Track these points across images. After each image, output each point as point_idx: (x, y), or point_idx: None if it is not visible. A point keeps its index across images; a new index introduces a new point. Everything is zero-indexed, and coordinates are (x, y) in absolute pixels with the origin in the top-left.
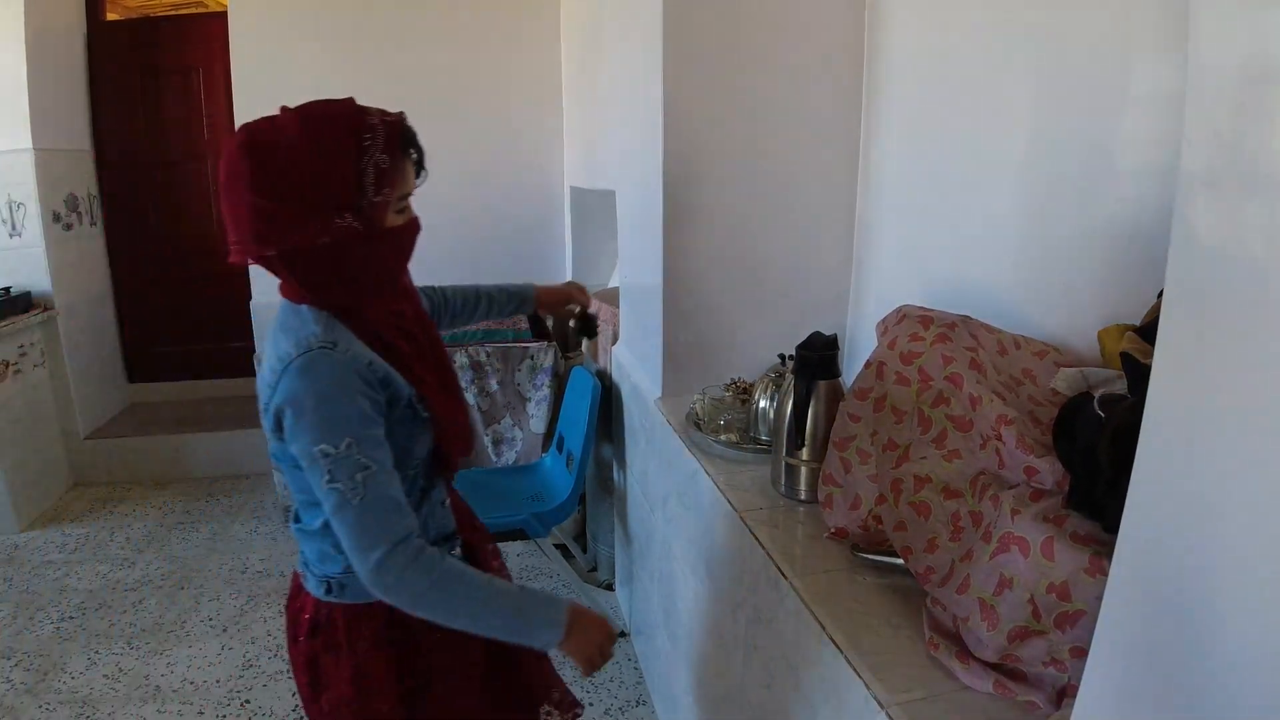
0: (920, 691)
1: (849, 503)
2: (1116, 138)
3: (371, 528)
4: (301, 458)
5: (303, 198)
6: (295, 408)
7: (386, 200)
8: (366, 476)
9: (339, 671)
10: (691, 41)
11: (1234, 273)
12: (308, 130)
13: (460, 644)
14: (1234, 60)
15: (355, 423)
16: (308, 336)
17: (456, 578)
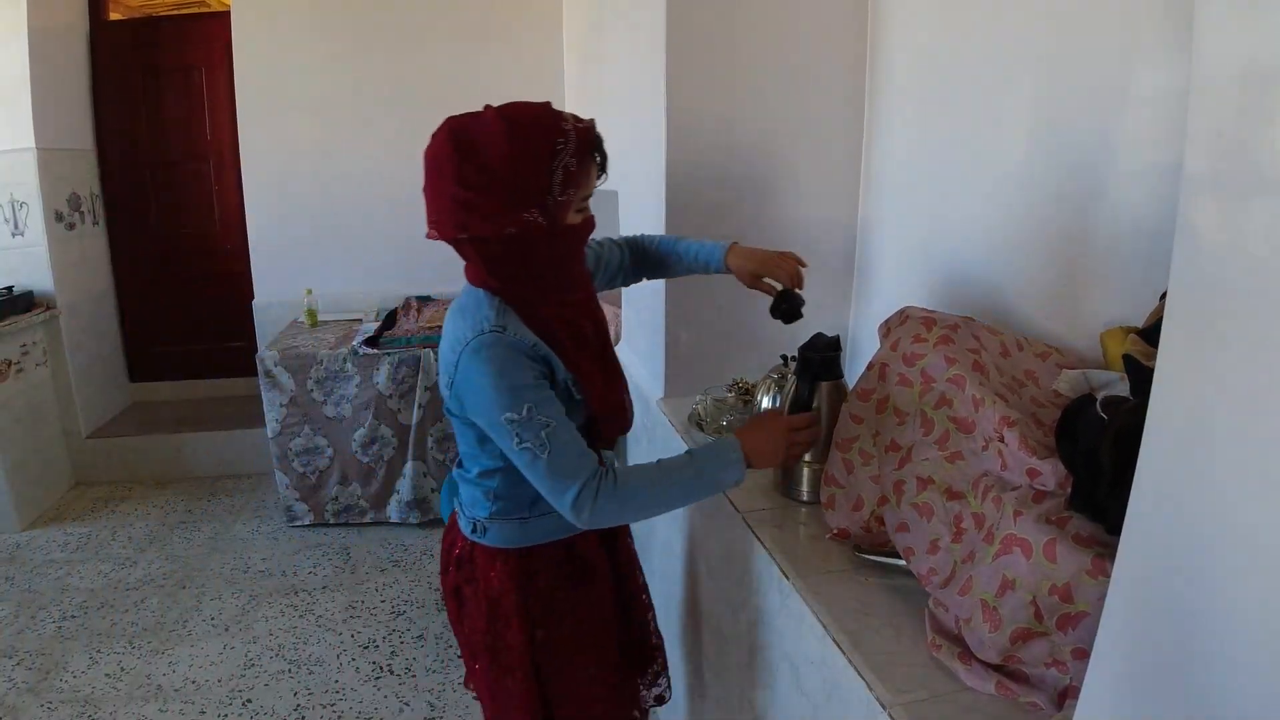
0: (922, 692)
1: (851, 504)
2: (1119, 138)
3: (561, 474)
4: (488, 427)
5: (498, 192)
6: (475, 385)
7: (570, 200)
8: (549, 433)
9: (476, 603)
10: (694, 43)
11: (1237, 274)
12: (509, 131)
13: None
14: (1237, 61)
15: (530, 389)
16: (481, 321)
17: (637, 487)
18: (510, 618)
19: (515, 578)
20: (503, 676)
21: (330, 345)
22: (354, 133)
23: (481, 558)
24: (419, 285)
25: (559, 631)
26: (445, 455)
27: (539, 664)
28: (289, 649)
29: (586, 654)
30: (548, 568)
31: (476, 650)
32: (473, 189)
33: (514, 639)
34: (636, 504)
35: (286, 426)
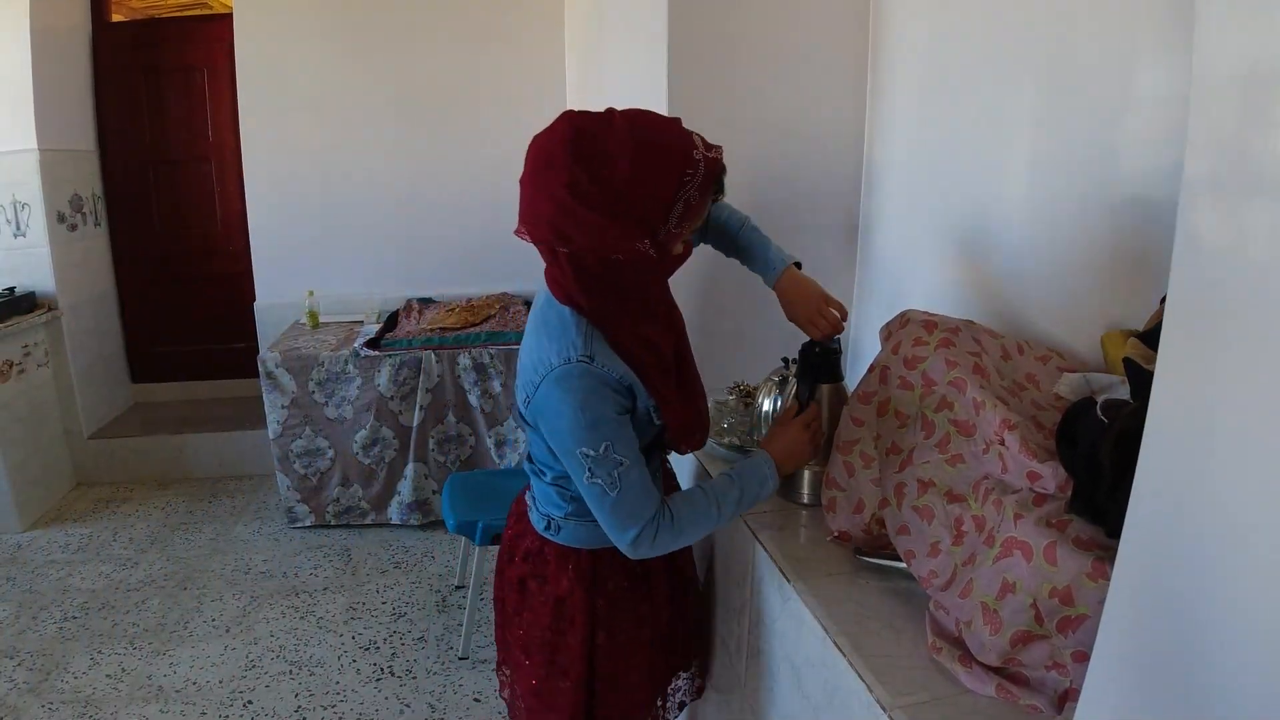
0: (923, 695)
1: (852, 506)
2: (1119, 141)
3: (626, 514)
4: (562, 455)
5: (614, 214)
6: (554, 413)
7: (682, 232)
8: (622, 472)
9: (541, 599)
10: (696, 46)
11: (1237, 277)
12: (638, 152)
13: (647, 602)
14: (1238, 65)
15: (610, 426)
16: (568, 346)
17: (691, 519)
18: (575, 619)
19: (584, 579)
20: (556, 678)
21: (332, 347)
22: (356, 134)
23: (553, 555)
24: (420, 287)
25: (620, 636)
26: (446, 457)
27: (594, 667)
28: (290, 650)
29: (639, 662)
30: (616, 572)
31: (531, 647)
32: (586, 203)
33: (575, 640)
34: (689, 535)
35: (288, 428)
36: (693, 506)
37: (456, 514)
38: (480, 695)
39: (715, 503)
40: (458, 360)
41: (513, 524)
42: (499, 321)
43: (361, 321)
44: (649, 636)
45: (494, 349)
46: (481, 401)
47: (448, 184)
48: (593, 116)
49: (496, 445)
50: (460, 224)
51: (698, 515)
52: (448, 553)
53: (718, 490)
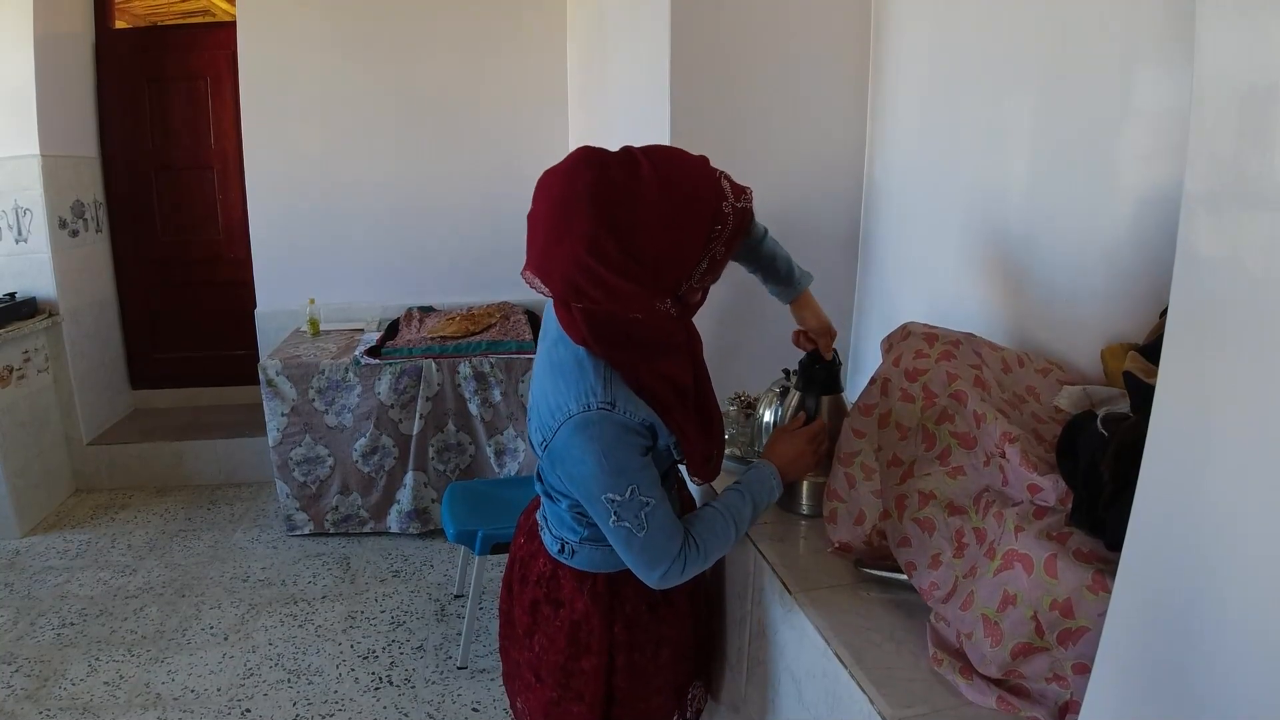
0: (924, 707)
1: (853, 518)
2: (1119, 155)
3: (655, 553)
4: (585, 500)
5: (635, 277)
6: (575, 460)
7: (705, 284)
8: (648, 512)
9: (556, 624)
10: (697, 57)
11: (1237, 292)
12: (666, 210)
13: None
14: (1238, 82)
15: (634, 470)
16: (587, 392)
17: (714, 544)
18: (590, 644)
19: (601, 603)
20: (570, 701)
21: (332, 355)
22: (358, 142)
23: (568, 580)
24: (421, 296)
25: (639, 658)
26: (446, 466)
27: (612, 689)
28: (288, 658)
29: (660, 684)
30: (635, 596)
31: (543, 670)
32: (608, 265)
33: (591, 665)
34: (713, 558)
35: (287, 435)
36: (713, 530)
37: (456, 523)
38: (479, 705)
39: (733, 521)
40: (458, 369)
41: (523, 542)
42: (499, 330)
43: (362, 329)
44: (669, 656)
45: (494, 358)
46: (482, 410)
47: (449, 193)
48: (617, 162)
49: (496, 454)
50: (461, 233)
51: (718, 538)
52: (447, 562)
53: (733, 508)
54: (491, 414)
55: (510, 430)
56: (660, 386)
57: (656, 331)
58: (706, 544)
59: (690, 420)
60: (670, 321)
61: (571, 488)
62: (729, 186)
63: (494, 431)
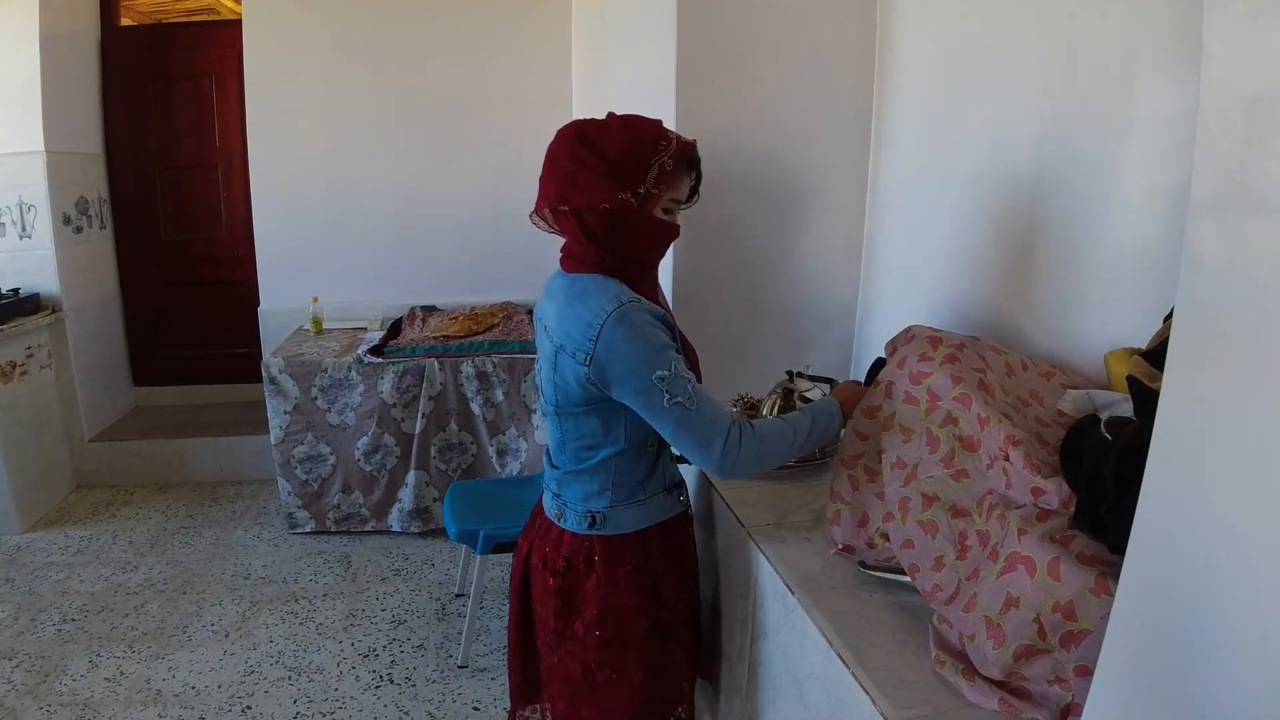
0: (926, 708)
1: (856, 520)
2: (1123, 161)
3: (711, 425)
4: (637, 393)
5: (603, 170)
6: (625, 350)
7: (659, 194)
8: (694, 389)
9: (595, 596)
10: (704, 63)
11: (1242, 297)
12: (626, 127)
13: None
14: (1244, 89)
15: (672, 350)
16: (617, 294)
17: (772, 435)
18: (633, 609)
19: (636, 562)
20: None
21: (335, 353)
22: (363, 141)
23: (602, 550)
24: (424, 295)
25: (663, 617)
26: (448, 465)
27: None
28: (289, 656)
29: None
30: (656, 550)
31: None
32: (583, 167)
33: (634, 631)
34: (769, 451)
35: (290, 433)
36: (773, 426)
37: (457, 522)
38: (479, 704)
39: (792, 427)
40: (460, 368)
41: (537, 544)
42: (502, 330)
43: (365, 328)
44: (682, 610)
45: (497, 358)
46: (484, 410)
47: (453, 192)
48: (590, 119)
49: (498, 454)
50: (464, 233)
51: (775, 434)
52: (448, 561)
53: (792, 419)
54: (494, 414)
55: (512, 430)
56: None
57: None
58: (764, 433)
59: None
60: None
61: (624, 385)
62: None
63: (496, 431)
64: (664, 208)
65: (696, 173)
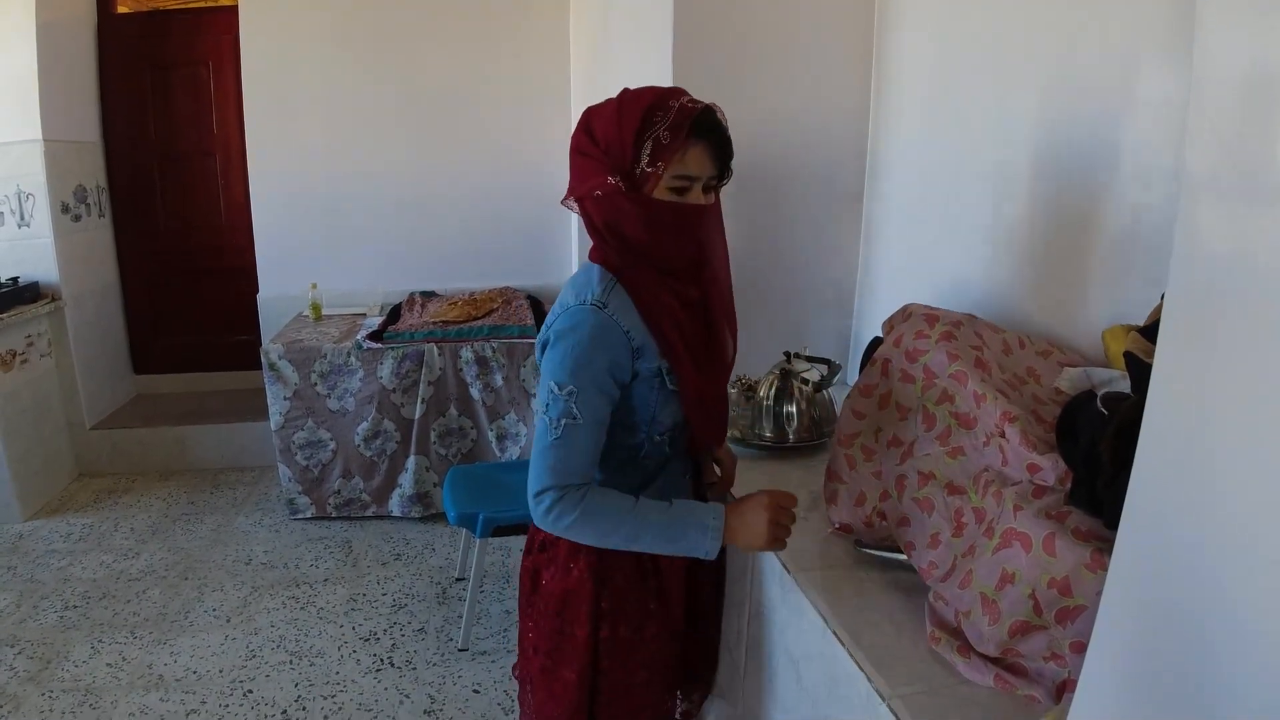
0: (921, 685)
1: (853, 499)
2: (1122, 141)
3: (549, 466)
4: (540, 385)
5: (594, 154)
6: (552, 344)
7: (657, 173)
8: (569, 425)
9: (552, 587)
10: (701, 44)
11: (1234, 275)
12: (617, 103)
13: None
14: (1237, 67)
15: (586, 377)
16: (587, 292)
17: (605, 514)
18: (579, 613)
19: (594, 571)
20: (559, 668)
21: (334, 339)
22: (360, 128)
23: (565, 545)
24: (423, 280)
25: (624, 633)
26: (448, 450)
27: (597, 661)
28: (290, 641)
29: (646, 662)
30: (629, 562)
31: (540, 640)
32: (582, 154)
33: (580, 634)
34: (597, 530)
35: (290, 420)
36: (615, 504)
37: (457, 506)
38: (479, 686)
39: (639, 516)
40: (460, 354)
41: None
42: (501, 315)
43: (364, 314)
44: (654, 632)
45: (496, 343)
46: (483, 395)
47: (451, 178)
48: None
49: (498, 438)
50: (463, 218)
51: (614, 515)
52: (448, 545)
53: (648, 507)
54: (493, 398)
55: (512, 415)
56: (661, 307)
57: (627, 222)
58: (597, 507)
59: (687, 357)
60: (627, 202)
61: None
62: (688, 95)
63: (495, 416)
64: (672, 186)
65: (716, 141)
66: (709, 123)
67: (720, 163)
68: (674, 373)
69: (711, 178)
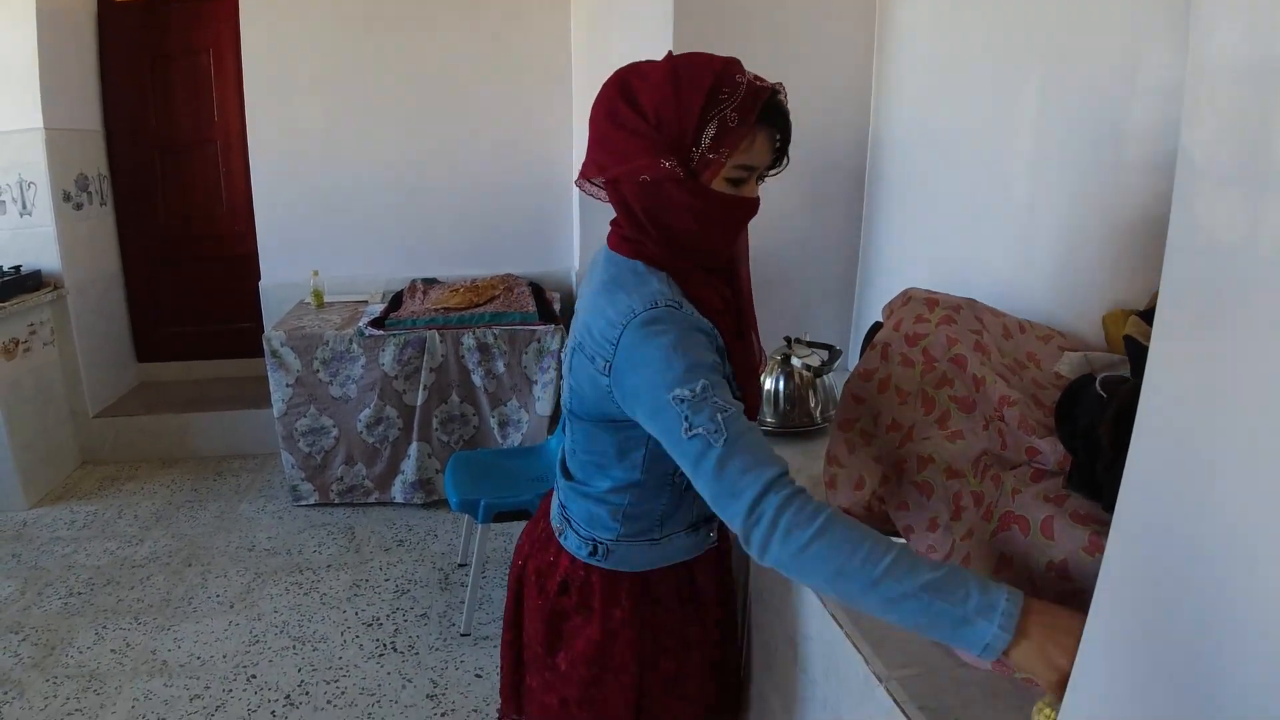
0: (919, 667)
1: (853, 483)
2: (1123, 126)
3: (740, 468)
4: (651, 415)
5: (640, 130)
6: (642, 360)
7: (720, 160)
8: (727, 417)
9: (586, 632)
10: (701, 28)
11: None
12: (671, 71)
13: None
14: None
15: (706, 369)
16: (654, 294)
17: (849, 532)
18: (622, 660)
19: (636, 608)
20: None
21: (336, 326)
22: (361, 115)
23: (601, 585)
24: (425, 268)
25: (667, 666)
26: (450, 437)
27: (641, 700)
28: (293, 626)
29: (687, 695)
30: (670, 593)
31: (569, 693)
32: (620, 127)
33: (625, 680)
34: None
35: (292, 406)
36: (859, 527)
37: (459, 492)
38: (481, 671)
39: (896, 555)
40: (461, 340)
41: (535, 552)
42: (503, 302)
43: (366, 301)
44: (697, 662)
45: (498, 329)
46: (485, 381)
47: (453, 165)
48: (643, 63)
49: (499, 425)
50: (464, 205)
51: (859, 538)
52: (450, 531)
53: (909, 552)
54: (495, 385)
55: (513, 401)
56: (714, 305)
57: (676, 211)
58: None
59: (738, 354)
60: (681, 190)
61: (638, 406)
62: (752, 74)
63: (497, 403)
64: (731, 177)
65: (780, 128)
66: (778, 106)
67: (778, 151)
68: (733, 370)
69: (767, 168)
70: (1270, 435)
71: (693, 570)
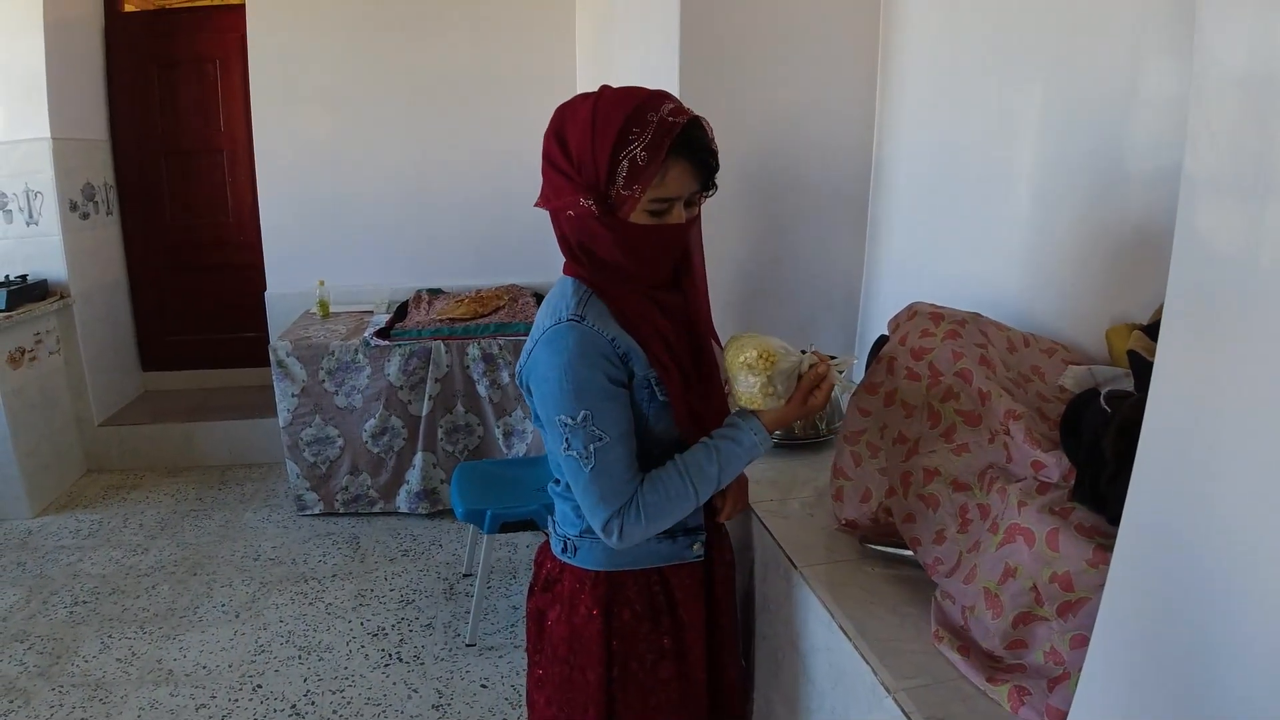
0: (926, 678)
1: (859, 495)
2: (1126, 141)
3: (600, 494)
4: (545, 425)
5: (566, 170)
6: (541, 377)
7: (634, 197)
8: (599, 447)
9: (558, 629)
10: (707, 43)
11: (1233, 273)
12: (592, 111)
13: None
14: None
15: (594, 395)
16: (561, 309)
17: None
18: (590, 654)
19: (602, 605)
20: (574, 717)
21: (342, 336)
22: (367, 125)
23: (570, 581)
24: (430, 278)
25: (636, 669)
26: (455, 447)
27: (612, 703)
28: (299, 636)
29: (663, 706)
30: (639, 597)
31: (552, 691)
32: (551, 165)
33: (591, 677)
34: (670, 516)
35: (298, 416)
36: (667, 494)
37: (464, 502)
38: (487, 681)
39: (692, 486)
40: (466, 351)
41: (539, 553)
42: (508, 313)
43: (371, 311)
44: (671, 673)
45: (502, 340)
46: (490, 392)
47: (458, 176)
48: (578, 98)
49: (504, 435)
50: (470, 216)
51: (671, 502)
52: (455, 541)
53: (694, 468)
54: (500, 395)
55: (518, 412)
56: (643, 316)
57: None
58: (650, 510)
59: (673, 361)
60: (602, 226)
61: (540, 412)
62: (670, 105)
63: (502, 413)
64: (650, 209)
65: (701, 158)
66: (691, 141)
67: (705, 176)
68: (661, 383)
69: (695, 192)
70: (1274, 446)
71: (668, 580)
